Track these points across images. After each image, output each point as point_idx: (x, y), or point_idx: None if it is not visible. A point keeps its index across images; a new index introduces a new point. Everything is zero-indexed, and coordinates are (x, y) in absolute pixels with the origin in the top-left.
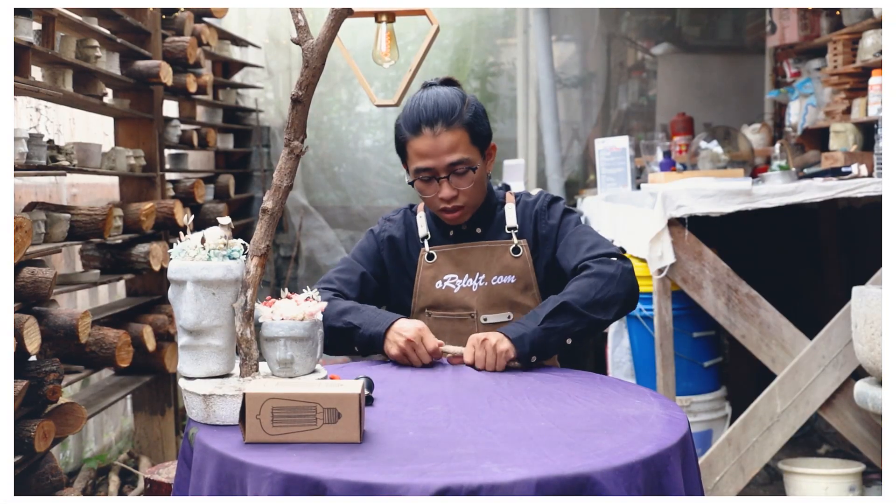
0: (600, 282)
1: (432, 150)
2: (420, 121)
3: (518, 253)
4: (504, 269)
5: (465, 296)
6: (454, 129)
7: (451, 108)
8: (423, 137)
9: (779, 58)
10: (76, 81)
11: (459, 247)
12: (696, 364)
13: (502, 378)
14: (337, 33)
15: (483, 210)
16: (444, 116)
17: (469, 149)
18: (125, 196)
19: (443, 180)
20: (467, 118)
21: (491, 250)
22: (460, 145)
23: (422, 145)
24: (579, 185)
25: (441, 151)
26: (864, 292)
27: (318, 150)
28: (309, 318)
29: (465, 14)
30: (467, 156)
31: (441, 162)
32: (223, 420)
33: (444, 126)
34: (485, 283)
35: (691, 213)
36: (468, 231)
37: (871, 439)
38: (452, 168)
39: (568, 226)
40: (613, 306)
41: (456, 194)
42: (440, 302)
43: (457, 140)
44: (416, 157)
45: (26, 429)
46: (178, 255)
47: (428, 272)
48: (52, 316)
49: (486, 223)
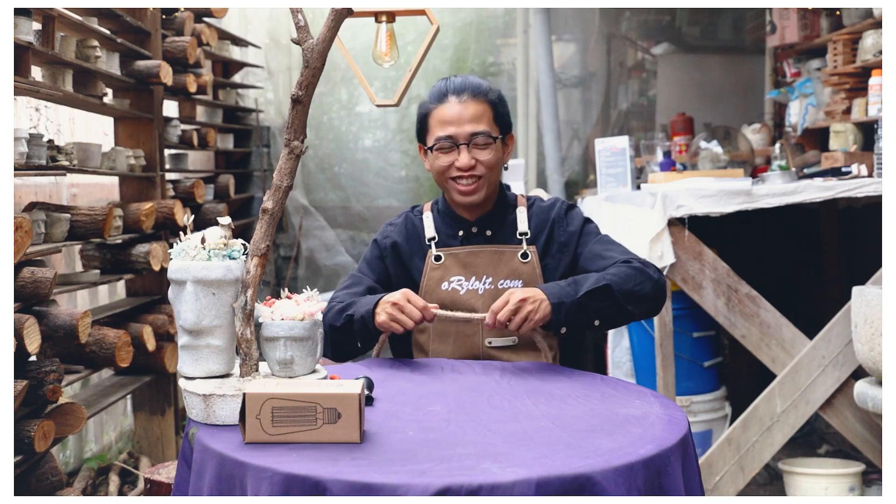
0: (640, 276)
1: (457, 116)
2: (447, 90)
3: (527, 258)
4: (511, 273)
5: (471, 298)
6: (479, 100)
7: (478, 83)
8: (448, 104)
9: (779, 58)
10: (76, 81)
11: (468, 249)
12: (696, 364)
13: (502, 378)
14: (337, 33)
15: (495, 210)
16: (471, 87)
17: (491, 124)
18: (125, 196)
19: (462, 147)
20: (492, 97)
21: (499, 254)
22: (484, 117)
23: (447, 111)
24: (579, 185)
25: (465, 119)
26: (864, 292)
27: (318, 150)
28: (309, 318)
29: (465, 14)
30: (489, 129)
31: (463, 129)
32: (223, 420)
33: (470, 95)
34: (491, 287)
35: (691, 213)
36: (478, 233)
37: (871, 439)
38: (473, 137)
39: (590, 235)
40: (644, 303)
41: (474, 164)
42: (446, 303)
43: (481, 111)
44: (437, 126)
45: (26, 429)
46: (178, 255)
47: (435, 273)
48: (52, 316)
49: (497, 225)
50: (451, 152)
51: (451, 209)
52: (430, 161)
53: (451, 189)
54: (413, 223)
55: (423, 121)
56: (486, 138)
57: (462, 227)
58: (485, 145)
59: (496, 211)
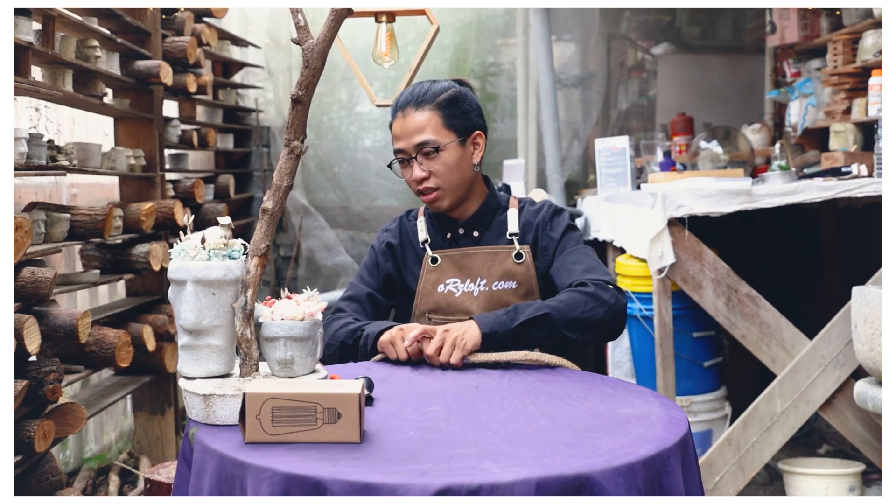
0: (592, 303)
1: (402, 131)
2: (396, 105)
3: (521, 259)
4: (505, 274)
5: (466, 300)
6: (422, 110)
7: (422, 92)
8: (397, 120)
9: (779, 58)
10: (76, 81)
11: (462, 251)
12: (696, 364)
13: (502, 378)
14: (337, 33)
15: (481, 212)
16: (414, 99)
17: (439, 131)
18: (125, 196)
19: (413, 161)
20: (440, 100)
21: (493, 255)
22: (428, 127)
23: (395, 127)
24: (579, 185)
25: (409, 132)
26: (864, 292)
27: (318, 150)
28: (309, 318)
29: (465, 14)
30: (434, 137)
31: (409, 142)
32: (223, 420)
33: (413, 107)
34: (486, 289)
35: (691, 213)
36: (465, 234)
37: (871, 439)
38: (419, 148)
39: (569, 242)
40: (593, 332)
41: (427, 175)
42: (441, 306)
43: (425, 121)
44: (393, 141)
45: (26, 429)
46: (178, 255)
47: (431, 276)
48: (52, 316)
49: (484, 226)
50: (406, 166)
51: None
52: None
53: (418, 196)
54: (406, 227)
55: None
56: (431, 147)
57: (449, 229)
58: (431, 154)
59: (483, 212)
